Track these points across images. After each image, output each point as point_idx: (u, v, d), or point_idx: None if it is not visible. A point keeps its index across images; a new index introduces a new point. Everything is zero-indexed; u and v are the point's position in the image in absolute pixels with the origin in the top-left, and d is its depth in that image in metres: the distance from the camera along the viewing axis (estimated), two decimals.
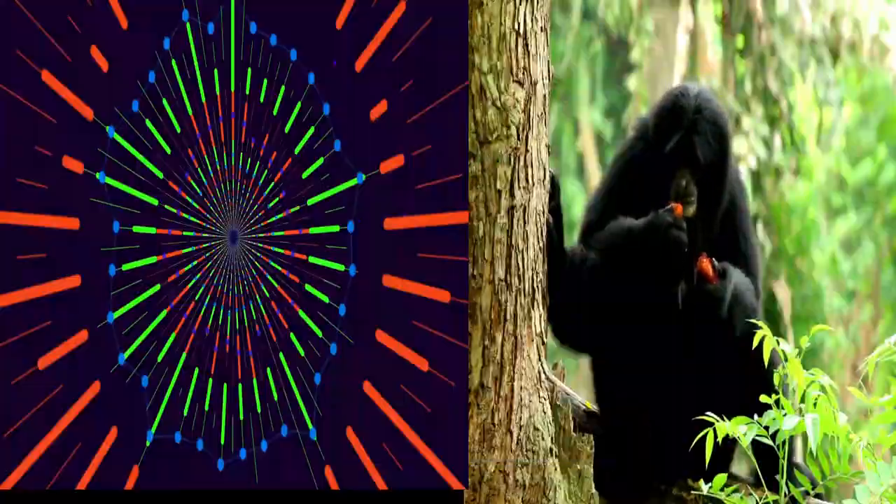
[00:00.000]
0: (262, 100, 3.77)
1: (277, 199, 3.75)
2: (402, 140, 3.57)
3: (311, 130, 3.70)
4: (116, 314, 3.87)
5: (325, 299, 3.66)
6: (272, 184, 3.74)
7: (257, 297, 3.78)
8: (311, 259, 3.69)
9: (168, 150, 3.85)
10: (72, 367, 3.86)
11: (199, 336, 3.83)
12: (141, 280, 3.86)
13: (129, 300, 3.87)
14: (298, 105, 3.73)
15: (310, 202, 3.70)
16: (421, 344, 3.53)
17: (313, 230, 3.69)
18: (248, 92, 3.79)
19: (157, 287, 3.85)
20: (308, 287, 3.69)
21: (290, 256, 3.72)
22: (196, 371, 3.83)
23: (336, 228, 3.66)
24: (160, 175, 3.84)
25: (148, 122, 3.87)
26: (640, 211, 4.02)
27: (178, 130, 3.85)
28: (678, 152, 4.00)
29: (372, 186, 3.60)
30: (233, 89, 3.81)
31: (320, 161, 3.69)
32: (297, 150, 3.72)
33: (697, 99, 4.03)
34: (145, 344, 3.86)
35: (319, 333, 3.64)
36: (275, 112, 3.75)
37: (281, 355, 3.74)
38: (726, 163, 4.08)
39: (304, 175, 3.70)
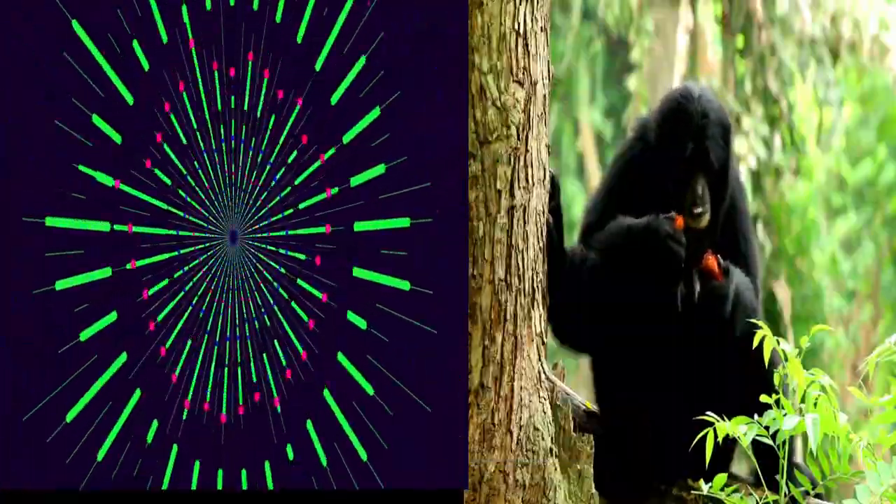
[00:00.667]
0: (278, 19, 2.80)
1: (291, 186, 3.07)
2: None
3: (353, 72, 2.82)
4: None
5: (334, 305, 3.29)
6: (284, 165, 3.07)
7: (269, 324, 3.08)
8: (358, 272, 3.06)
9: (130, 101, 2.73)
10: None
11: (196, 344, 2.98)
12: (88, 304, 2.73)
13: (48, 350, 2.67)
14: (335, 33, 2.71)
15: (354, 181, 3.00)
16: (422, 344, 3.53)
17: (360, 226, 3.02)
18: (255, 7, 2.82)
19: (113, 317, 2.73)
20: (351, 316, 3.09)
21: (315, 266, 3.09)
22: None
23: (404, 222, 2.98)
24: (118, 139, 2.73)
25: (100, 58, 2.70)
26: (640, 212, 4.02)
27: (147, 69, 2.74)
28: (691, 159, 3.99)
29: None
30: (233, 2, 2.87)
31: (363, 124, 2.88)
32: (333, 100, 2.92)
33: (702, 102, 4.02)
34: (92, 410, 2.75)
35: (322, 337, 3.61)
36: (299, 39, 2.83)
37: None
38: (730, 163, 4.08)
39: (326, 155, 3.12)
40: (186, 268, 2.91)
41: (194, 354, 2.87)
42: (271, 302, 2.99)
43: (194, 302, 2.86)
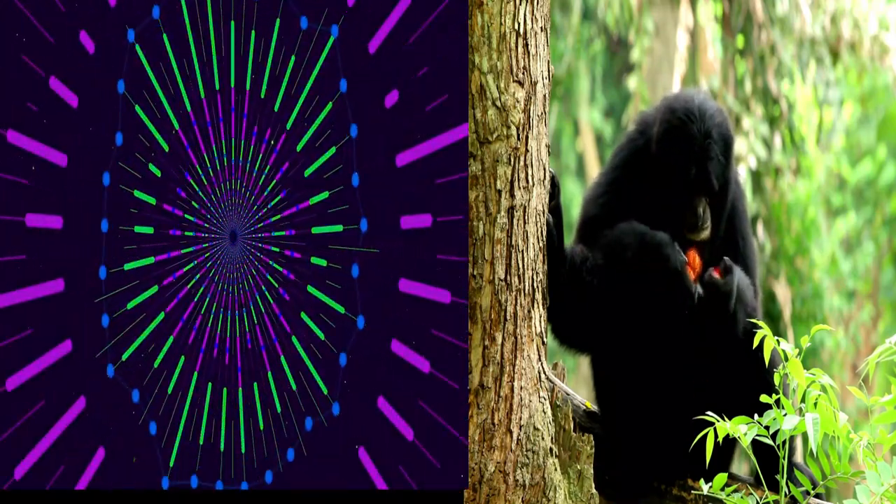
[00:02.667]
0: (262, 95, 3.70)
1: (279, 197, 3.70)
2: (420, 128, 3.54)
3: (319, 120, 3.62)
4: (109, 318, 3.81)
5: (333, 304, 3.63)
6: (273, 181, 3.70)
7: (258, 299, 3.73)
8: (315, 260, 3.65)
9: (166, 148, 3.78)
10: (52, 380, 3.78)
11: (196, 343, 3.76)
12: (138, 282, 3.80)
13: (122, 305, 3.81)
14: (303, 95, 3.64)
15: (313, 201, 3.66)
16: (423, 345, 3.53)
17: (316, 230, 3.65)
18: (248, 87, 3.71)
19: (154, 289, 3.80)
20: (311, 289, 3.65)
21: (289, 256, 3.69)
22: (193, 381, 3.78)
23: (340, 228, 3.61)
24: (158, 173, 3.78)
25: (141, 113, 3.79)
26: (644, 209, 4.01)
27: (176, 127, 3.78)
28: (694, 181, 3.96)
29: (383, 180, 3.57)
30: (232, 84, 3.74)
31: (325, 157, 3.63)
32: (299, 148, 3.66)
33: (705, 121, 3.96)
34: (138, 352, 3.80)
35: (322, 336, 3.64)
36: (276, 108, 3.68)
37: (284, 358, 3.71)
38: (731, 174, 4.06)
39: (307, 172, 3.66)
40: (197, 260, 3.79)
41: (205, 324, 3.80)
42: (263, 287, 3.73)
43: (204, 285, 3.80)
